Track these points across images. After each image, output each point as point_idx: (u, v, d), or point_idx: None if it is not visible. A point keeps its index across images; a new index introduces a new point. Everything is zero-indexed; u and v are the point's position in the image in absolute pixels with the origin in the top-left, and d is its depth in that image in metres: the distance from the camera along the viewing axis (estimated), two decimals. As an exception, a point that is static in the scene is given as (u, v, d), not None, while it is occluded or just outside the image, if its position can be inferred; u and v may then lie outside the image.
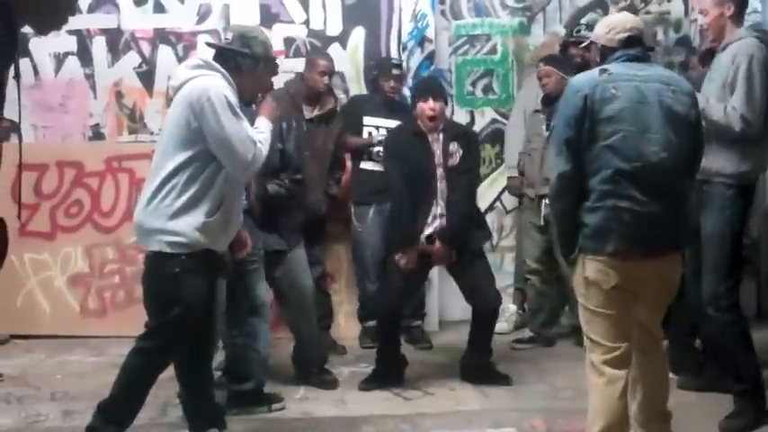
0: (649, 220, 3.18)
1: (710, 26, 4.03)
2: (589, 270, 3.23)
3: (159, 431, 4.08)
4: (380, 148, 5.26)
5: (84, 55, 5.95)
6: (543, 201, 5.22)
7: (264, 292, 4.39)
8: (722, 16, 3.97)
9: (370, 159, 5.44)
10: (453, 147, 4.65)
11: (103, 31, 5.94)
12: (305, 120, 5.06)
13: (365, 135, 5.46)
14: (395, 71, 5.48)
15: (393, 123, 5.36)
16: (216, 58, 3.61)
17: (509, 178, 5.77)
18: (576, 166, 3.21)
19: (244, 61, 3.58)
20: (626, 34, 3.37)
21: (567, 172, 3.22)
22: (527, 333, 5.55)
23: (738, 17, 4.02)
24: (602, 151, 3.17)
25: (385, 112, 5.47)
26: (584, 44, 3.81)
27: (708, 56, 4.42)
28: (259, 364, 4.36)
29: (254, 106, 3.83)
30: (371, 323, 5.56)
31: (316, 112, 5.13)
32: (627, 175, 3.15)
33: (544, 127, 5.31)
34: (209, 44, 3.98)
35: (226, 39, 3.71)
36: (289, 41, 5.80)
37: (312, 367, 4.72)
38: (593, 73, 3.31)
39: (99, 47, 5.95)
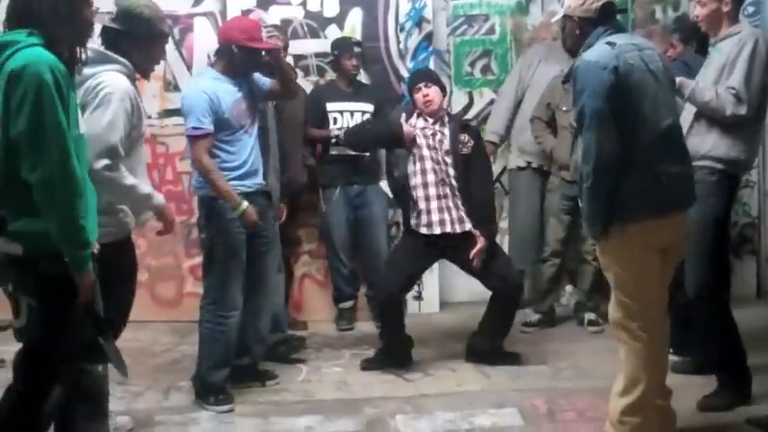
0: (678, 178, 3.31)
1: (706, 18, 3.96)
2: (635, 235, 3.26)
3: (163, 414, 4.09)
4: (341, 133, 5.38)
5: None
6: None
7: (273, 272, 4.43)
8: (719, 10, 3.91)
9: (336, 144, 5.45)
10: (464, 137, 4.67)
11: (99, 14, 5.88)
12: None
13: (331, 122, 5.47)
14: (355, 49, 5.50)
15: (357, 106, 5.45)
16: (107, 37, 3.58)
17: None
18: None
19: (133, 43, 3.54)
20: (601, 2, 3.37)
21: (614, 146, 3.18)
22: (534, 316, 5.53)
23: (735, 13, 3.96)
24: (635, 121, 3.22)
25: (348, 96, 5.50)
26: (556, 18, 3.74)
27: (693, 36, 4.36)
28: (257, 341, 4.43)
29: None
30: (347, 304, 5.65)
31: None
32: (654, 141, 3.23)
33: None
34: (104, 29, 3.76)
35: (111, 17, 3.62)
36: (285, 23, 5.75)
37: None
38: (605, 48, 3.27)
39: (96, 29, 5.89)
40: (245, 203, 4.05)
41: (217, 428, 3.92)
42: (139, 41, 3.57)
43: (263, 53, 4.24)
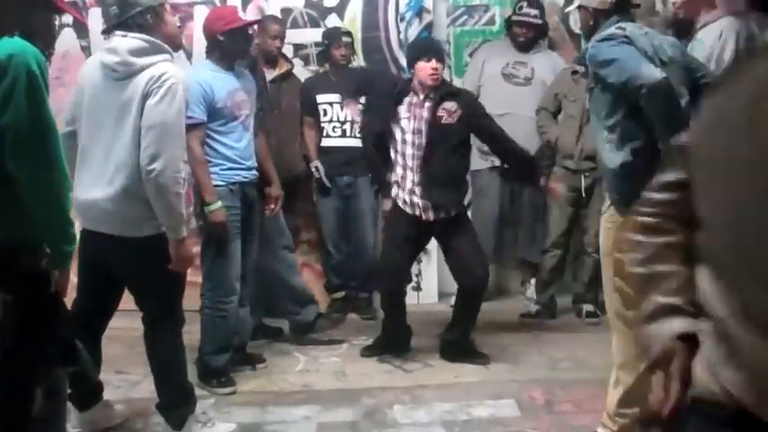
0: None
1: (682, 5, 3.94)
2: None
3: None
4: (335, 124, 5.47)
5: (81, 27, 5.89)
6: (582, 174, 5.21)
7: (254, 260, 4.52)
8: None
9: (327, 136, 5.50)
10: (450, 105, 4.55)
11: (99, 3, 5.87)
12: (268, 81, 5.10)
13: (321, 114, 5.48)
14: (345, 38, 5.49)
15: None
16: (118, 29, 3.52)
17: None
18: None
19: (145, 20, 3.48)
20: None
21: (663, 75, 3.07)
22: (534, 307, 5.54)
23: None
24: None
25: (338, 87, 5.49)
26: (572, 7, 3.75)
27: (686, 32, 4.33)
28: (243, 325, 4.54)
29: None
30: (337, 295, 5.68)
31: (275, 73, 5.22)
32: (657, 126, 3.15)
33: (587, 92, 5.24)
34: (106, 30, 3.78)
35: (114, 12, 3.57)
36: (286, 12, 5.75)
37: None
38: (615, 30, 3.27)
39: (95, 18, 5.89)
40: (219, 204, 4.07)
41: (215, 417, 3.93)
42: (152, 16, 3.50)
43: (249, 30, 4.39)
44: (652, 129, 3.15)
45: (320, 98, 5.48)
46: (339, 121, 5.49)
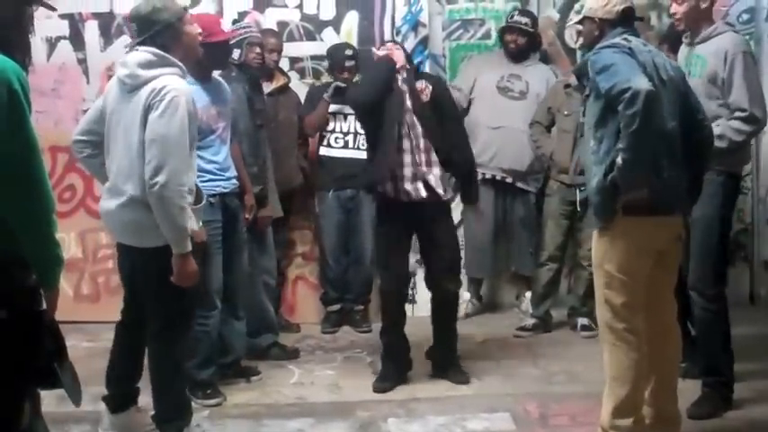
0: (676, 179, 3.31)
1: (685, 16, 3.94)
2: (631, 232, 3.28)
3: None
4: (338, 135, 5.50)
5: (77, 39, 5.89)
6: (578, 188, 5.15)
7: (244, 272, 4.54)
8: (698, 7, 3.92)
9: (328, 146, 5.52)
10: (421, 84, 4.48)
11: (96, 15, 5.89)
12: (265, 95, 5.10)
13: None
14: (348, 63, 5.47)
15: (350, 109, 5.40)
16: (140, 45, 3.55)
17: None
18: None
19: (165, 37, 3.51)
20: (623, 5, 3.48)
21: (651, 88, 3.11)
22: (529, 320, 5.51)
23: (711, 10, 3.99)
24: None
25: (342, 97, 5.44)
26: (575, 20, 3.79)
27: (679, 41, 4.36)
28: (237, 338, 4.55)
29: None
30: (333, 308, 5.66)
31: (272, 87, 5.24)
32: (657, 140, 3.22)
33: (582, 107, 5.25)
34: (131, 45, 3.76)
35: (134, 29, 3.60)
36: (282, 25, 5.77)
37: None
38: (619, 41, 3.34)
39: (91, 31, 5.90)
40: (200, 223, 4.04)
41: (209, 430, 3.92)
42: (172, 34, 3.54)
43: (229, 42, 4.40)
44: None
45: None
46: (342, 132, 5.52)
